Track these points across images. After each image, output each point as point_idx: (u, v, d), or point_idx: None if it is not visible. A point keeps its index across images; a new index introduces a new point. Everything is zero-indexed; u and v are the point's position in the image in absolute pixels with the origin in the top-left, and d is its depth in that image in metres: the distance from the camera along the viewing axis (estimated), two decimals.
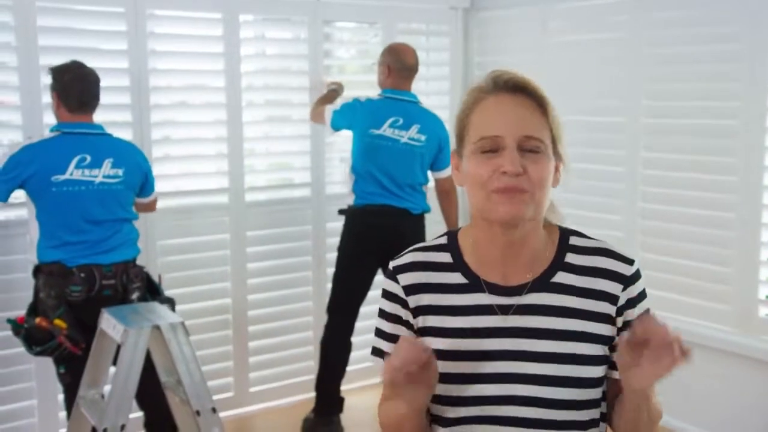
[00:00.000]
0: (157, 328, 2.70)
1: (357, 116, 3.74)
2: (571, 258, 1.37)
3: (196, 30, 3.79)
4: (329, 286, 4.21)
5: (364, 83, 4.29)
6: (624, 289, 1.35)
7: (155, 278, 3.23)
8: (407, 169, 3.70)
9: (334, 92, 3.98)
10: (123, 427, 2.65)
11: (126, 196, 3.07)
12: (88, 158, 2.94)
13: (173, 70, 3.75)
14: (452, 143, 1.41)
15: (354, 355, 4.11)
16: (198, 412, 2.71)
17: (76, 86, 2.96)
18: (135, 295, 3.06)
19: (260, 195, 4.03)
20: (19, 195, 3.04)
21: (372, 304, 4.19)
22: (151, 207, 3.34)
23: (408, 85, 3.80)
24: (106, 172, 2.97)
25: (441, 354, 1.33)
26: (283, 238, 4.08)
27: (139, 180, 3.12)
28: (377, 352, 1.44)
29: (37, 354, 2.92)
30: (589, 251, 1.38)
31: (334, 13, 4.10)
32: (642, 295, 1.39)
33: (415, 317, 1.39)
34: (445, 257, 1.40)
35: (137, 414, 3.23)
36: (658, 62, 3.64)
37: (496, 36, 4.46)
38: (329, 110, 3.80)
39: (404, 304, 1.39)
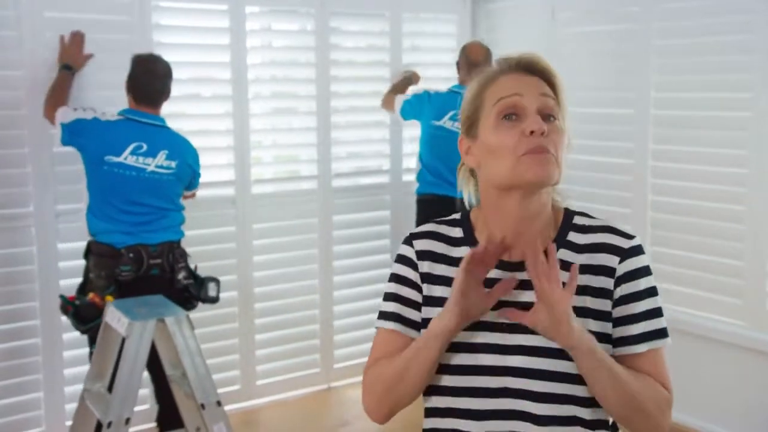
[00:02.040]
0: (162, 321, 2.69)
1: (424, 108, 3.96)
2: (573, 237, 1.39)
3: (201, 22, 3.76)
4: (336, 278, 4.21)
5: (372, 78, 4.28)
6: (621, 261, 1.35)
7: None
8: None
9: (407, 80, 4.18)
10: (128, 420, 2.64)
11: (175, 188, 3.21)
12: (145, 147, 3.09)
13: (179, 62, 3.72)
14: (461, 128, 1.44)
15: (362, 348, 4.12)
16: (203, 406, 2.70)
17: (142, 80, 3.14)
18: (182, 275, 3.18)
19: (267, 187, 4.01)
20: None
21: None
22: (191, 196, 3.47)
23: None
24: (159, 162, 3.12)
25: None
26: (289, 230, 4.07)
27: (188, 175, 3.26)
28: (383, 315, 1.45)
29: (85, 332, 3.02)
30: (592, 230, 1.39)
31: (341, 4, 4.07)
32: (644, 271, 1.36)
33: (422, 282, 1.43)
34: (457, 232, 1.45)
35: (142, 407, 3.24)
36: (667, 53, 3.59)
37: (504, 27, 4.42)
38: (399, 99, 4.02)
39: (415, 268, 1.43)
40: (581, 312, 1.33)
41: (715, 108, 3.45)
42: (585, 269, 1.35)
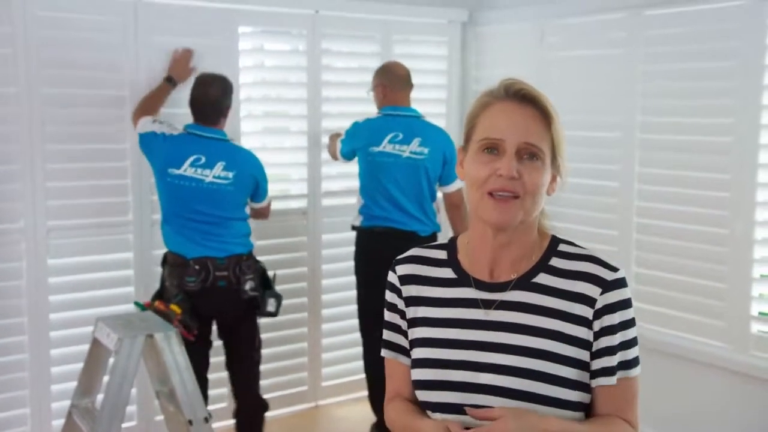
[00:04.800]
0: (151, 336, 2.70)
1: (357, 137, 3.77)
2: (555, 262, 1.43)
3: (194, 41, 3.78)
4: (324, 297, 4.23)
5: (363, 99, 4.31)
6: (602, 293, 1.38)
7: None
8: (413, 184, 3.67)
9: (336, 135, 3.98)
10: None
11: (235, 198, 3.36)
12: (203, 159, 3.28)
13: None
14: (460, 141, 1.49)
15: (350, 366, 4.12)
16: (190, 422, 2.71)
17: (197, 100, 3.34)
18: (248, 286, 3.34)
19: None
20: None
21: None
22: (264, 212, 3.63)
23: (406, 99, 3.80)
24: (216, 173, 3.29)
25: (427, 342, 1.45)
26: (278, 249, 4.09)
27: (249, 185, 3.41)
28: (382, 342, 1.55)
29: None
30: (576, 257, 1.43)
31: (332, 26, 4.13)
32: (623, 304, 1.39)
33: (407, 306, 1.49)
34: (441, 254, 1.51)
35: (129, 424, 3.23)
36: (653, 78, 3.66)
37: (493, 50, 4.49)
38: (338, 143, 3.87)
39: (399, 294, 1.51)
40: (555, 335, 1.37)
41: (699, 132, 3.51)
42: (563, 295, 1.39)
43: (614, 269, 1.40)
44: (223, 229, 3.33)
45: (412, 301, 1.49)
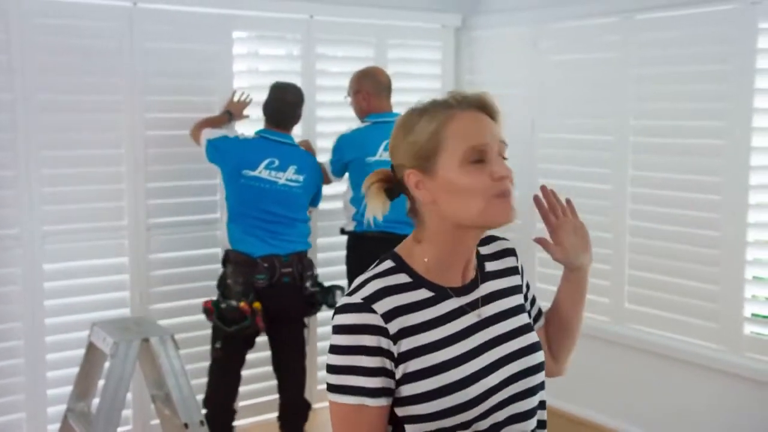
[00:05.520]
0: (147, 340, 2.71)
1: (347, 150, 3.73)
2: (482, 249, 1.53)
3: (189, 46, 3.80)
4: None
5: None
6: (517, 259, 1.58)
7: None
8: None
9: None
10: None
11: (303, 200, 3.57)
12: (277, 162, 3.46)
13: (167, 87, 3.76)
14: (403, 160, 1.41)
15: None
16: (186, 425, 2.72)
17: (274, 106, 3.55)
18: (309, 283, 3.53)
19: None
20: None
21: None
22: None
23: (389, 105, 3.81)
24: (289, 176, 3.48)
25: (428, 371, 1.35)
26: None
27: (313, 189, 3.62)
28: (356, 390, 1.33)
29: (229, 333, 3.35)
30: (484, 241, 1.54)
31: (327, 30, 4.14)
32: None
33: (395, 343, 1.35)
34: (403, 278, 1.41)
35: (125, 428, 3.24)
36: (646, 82, 3.68)
37: (487, 55, 4.51)
38: (326, 165, 3.80)
39: (385, 333, 1.34)
40: (521, 308, 1.51)
41: (691, 136, 3.54)
42: (504, 273, 1.53)
43: (506, 238, 1.60)
44: (290, 228, 3.49)
45: (401, 334, 1.35)
